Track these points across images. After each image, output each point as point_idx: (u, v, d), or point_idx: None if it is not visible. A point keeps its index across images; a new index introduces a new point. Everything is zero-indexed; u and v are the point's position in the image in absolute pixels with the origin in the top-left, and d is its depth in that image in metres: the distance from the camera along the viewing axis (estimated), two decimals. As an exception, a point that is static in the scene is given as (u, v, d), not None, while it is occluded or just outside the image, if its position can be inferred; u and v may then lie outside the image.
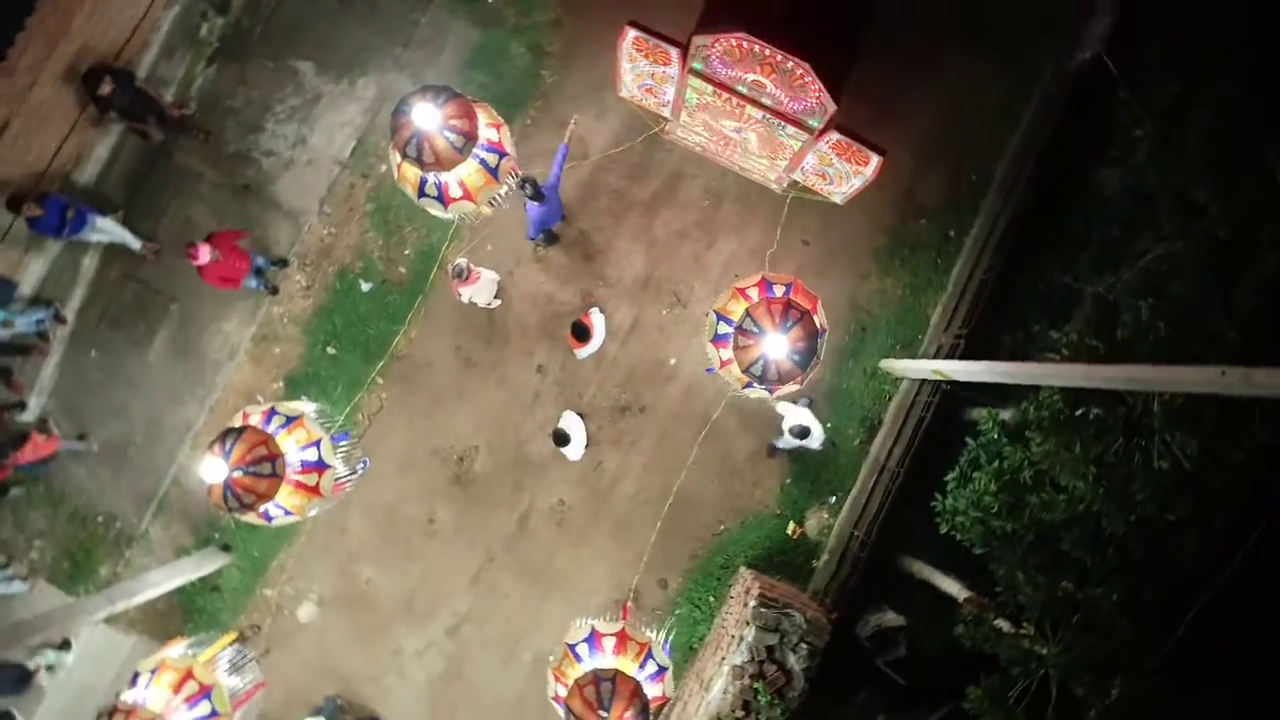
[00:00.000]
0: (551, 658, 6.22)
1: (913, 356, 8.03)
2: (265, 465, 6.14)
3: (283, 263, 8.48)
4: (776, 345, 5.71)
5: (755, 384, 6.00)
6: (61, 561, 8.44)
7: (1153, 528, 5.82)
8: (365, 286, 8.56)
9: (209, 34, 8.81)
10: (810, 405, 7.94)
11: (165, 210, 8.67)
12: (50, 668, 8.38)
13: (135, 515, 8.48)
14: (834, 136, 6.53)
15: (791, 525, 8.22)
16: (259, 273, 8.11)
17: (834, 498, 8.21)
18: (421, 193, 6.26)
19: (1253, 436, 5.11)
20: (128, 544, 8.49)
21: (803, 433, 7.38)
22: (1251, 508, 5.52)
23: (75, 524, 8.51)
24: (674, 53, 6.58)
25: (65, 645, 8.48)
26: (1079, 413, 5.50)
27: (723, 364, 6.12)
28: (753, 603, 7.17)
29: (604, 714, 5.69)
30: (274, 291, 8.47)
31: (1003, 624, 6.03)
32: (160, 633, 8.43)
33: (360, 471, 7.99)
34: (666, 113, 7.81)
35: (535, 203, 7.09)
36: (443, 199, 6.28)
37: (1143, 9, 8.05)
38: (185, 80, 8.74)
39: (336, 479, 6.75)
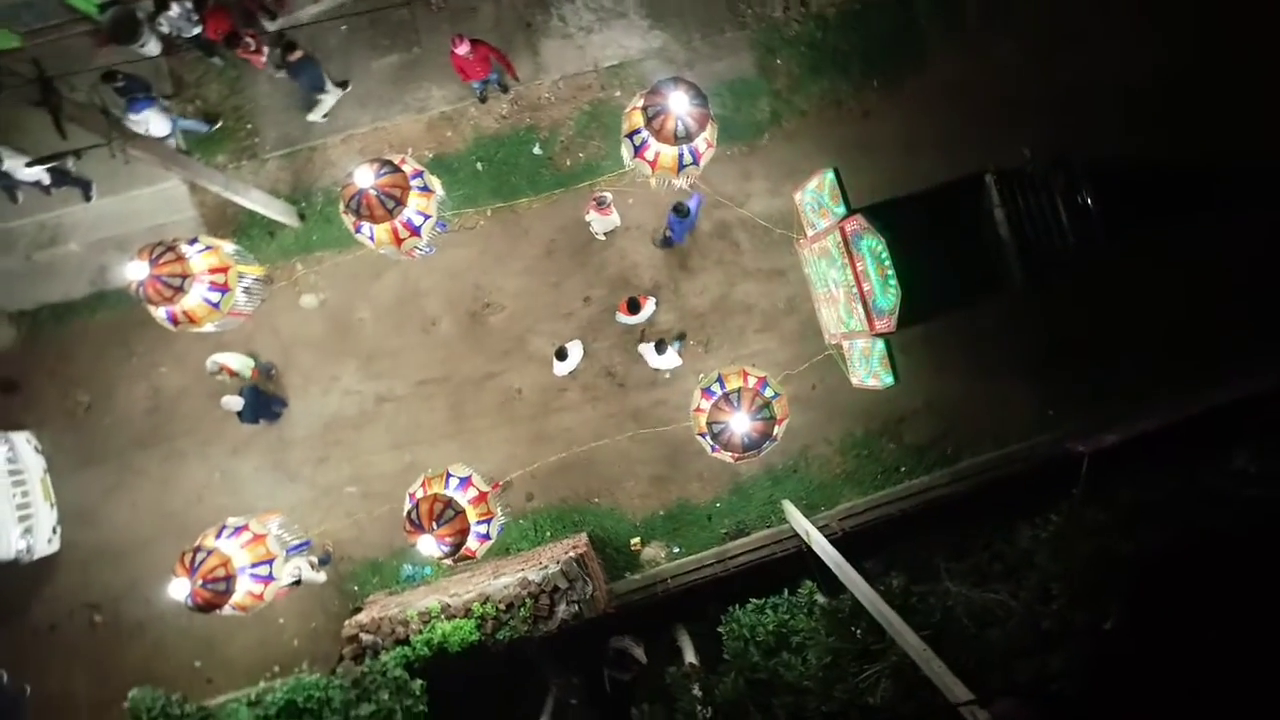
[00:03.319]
0: (430, 470, 7.98)
1: (806, 516, 9.74)
2: (390, 202, 7.84)
3: (505, 90, 10.26)
4: (741, 423, 7.44)
5: (708, 437, 7.70)
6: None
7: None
8: (536, 150, 10.34)
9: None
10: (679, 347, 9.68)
11: (467, -12, 10.49)
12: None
13: (271, 145, 10.27)
14: (879, 344, 8.27)
15: (636, 540, 9.97)
16: (486, 83, 9.88)
17: (677, 549, 9.95)
18: (629, 136, 7.78)
19: (926, 724, 6.84)
20: (249, 157, 10.30)
21: (660, 347, 9.12)
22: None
23: (230, 115, 10.32)
24: (842, 209, 8.32)
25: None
26: (852, 619, 7.24)
27: (696, 410, 7.83)
28: (571, 555, 8.91)
29: (435, 526, 7.41)
30: (483, 100, 10.26)
31: (697, 690, 7.79)
32: (213, 226, 10.26)
33: (427, 253, 9.75)
34: (810, 232, 9.56)
35: (675, 216, 8.89)
36: (637, 152, 7.79)
37: (1151, 457, 9.61)
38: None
39: (415, 247, 8.50)
